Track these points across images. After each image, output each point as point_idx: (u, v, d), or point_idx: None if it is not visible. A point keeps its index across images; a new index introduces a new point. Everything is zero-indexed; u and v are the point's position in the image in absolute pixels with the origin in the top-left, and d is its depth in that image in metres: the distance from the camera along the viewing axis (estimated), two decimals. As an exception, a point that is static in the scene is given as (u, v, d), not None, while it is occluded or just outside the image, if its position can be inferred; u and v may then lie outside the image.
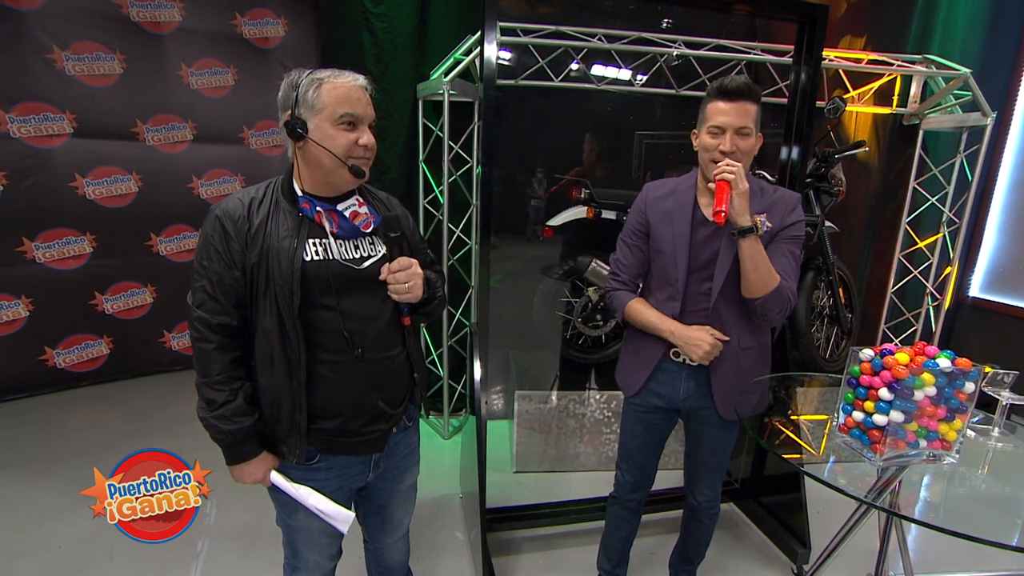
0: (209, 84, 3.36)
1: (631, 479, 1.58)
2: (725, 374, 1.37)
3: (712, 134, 1.26)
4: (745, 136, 1.24)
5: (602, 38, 2.58)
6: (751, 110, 1.24)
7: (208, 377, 1.01)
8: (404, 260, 1.08)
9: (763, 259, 1.23)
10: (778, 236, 1.31)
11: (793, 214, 1.32)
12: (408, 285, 1.07)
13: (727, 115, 1.23)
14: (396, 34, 2.58)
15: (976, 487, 1.20)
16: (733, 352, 1.36)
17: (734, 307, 1.33)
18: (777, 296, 1.25)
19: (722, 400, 1.39)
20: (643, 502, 1.64)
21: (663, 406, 1.46)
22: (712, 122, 1.25)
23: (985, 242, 3.38)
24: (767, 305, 1.26)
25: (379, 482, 1.21)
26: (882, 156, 3.17)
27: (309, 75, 1.01)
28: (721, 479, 1.57)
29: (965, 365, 1.02)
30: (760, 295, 1.25)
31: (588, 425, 2.53)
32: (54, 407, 3.04)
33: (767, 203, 1.32)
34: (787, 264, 1.29)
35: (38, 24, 2.85)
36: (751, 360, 1.40)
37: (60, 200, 3.05)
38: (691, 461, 1.55)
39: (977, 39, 3.08)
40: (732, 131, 1.23)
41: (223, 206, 1.02)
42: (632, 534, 1.69)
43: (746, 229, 1.21)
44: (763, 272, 1.23)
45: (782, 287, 1.25)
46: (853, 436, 1.14)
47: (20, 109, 2.87)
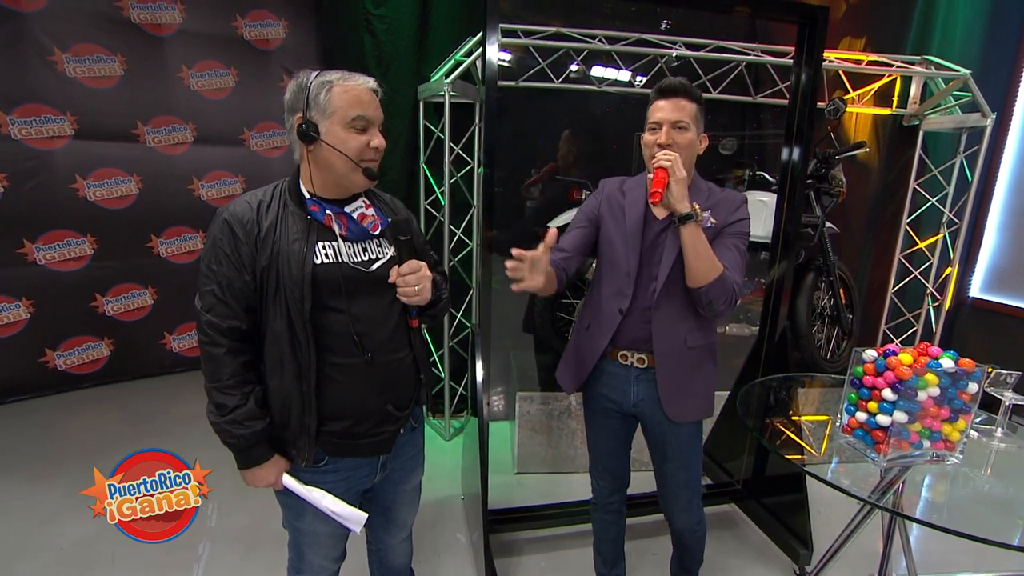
0: (210, 86, 3.37)
1: (605, 483, 1.58)
2: (670, 374, 1.36)
3: (651, 130, 1.31)
4: (681, 130, 1.28)
5: (602, 40, 2.59)
6: (686, 106, 1.28)
7: (219, 382, 1.01)
8: (413, 263, 1.08)
9: (704, 246, 1.24)
10: (723, 232, 1.33)
11: (738, 212, 1.35)
12: (418, 288, 1.08)
13: (663, 111, 1.29)
14: (397, 36, 2.58)
15: (979, 487, 1.20)
16: (679, 350, 1.35)
17: (679, 303, 1.33)
18: (720, 285, 1.24)
19: (668, 399, 1.36)
20: (624, 503, 1.63)
21: (616, 410, 1.45)
22: (651, 119, 1.31)
23: (985, 242, 3.38)
24: (711, 294, 1.25)
25: (385, 483, 1.21)
26: (882, 157, 3.18)
27: (318, 77, 1.00)
28: (697, 497, 1.50)
29: (968, 366, 1.03)
30: (703, 283, 1.25)
31: (589, 426, 2.52)
32: (55, 409, 3.03)
33: (712, 202, 1.35)
34: (732, 257, 1.30)
35: (39, 26, 2.86)
36: (697, 359, 1.38)
37: (61, 202, 3.05)
38: (661, 483, 1.50)
39: (976, 40, 3.09)
40: (668, 125, 1.28)
41: (231, 209, 1.01)
42: (621, 534, 1.67)
43: (685, 216, 1.23)
44: (705, 260, 1.24)
45: (725, 276, 1.25)
46: (856, 437, 1.14)
47: (21, 111, 2.88)
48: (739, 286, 1.28)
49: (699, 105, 1.31)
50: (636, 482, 1.68)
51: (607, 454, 1.54)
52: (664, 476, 1.48)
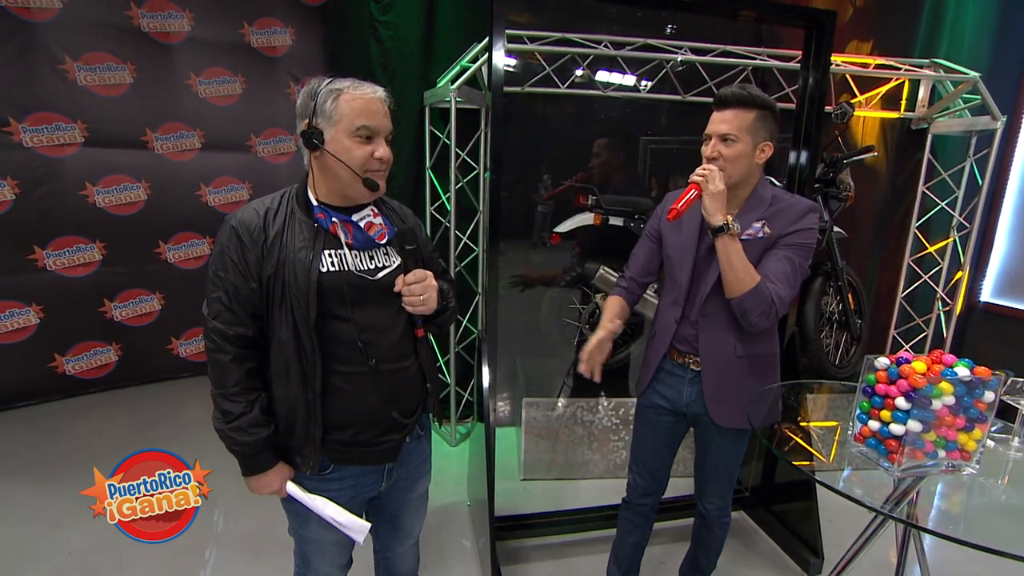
0: (217, 93, 3.40)
1: (642, 482, 1.58)
2: (715, 379, 1.37)
3: (704, 142, 1.32)
4: (730, 143, 1.27)
5: (608, 44, 2.59)
6: (737, 117, 1.27)
7: (224, 388, 1.01)
8: (419, 272, 1.08)
9: (739, 259, 1.24)
10: (779, 242, 1.31)
11: (800, 222, 1.31)
12: (423, 297, 1.07)
13: (713, 123, 1.30)
14: (403, 42, 2.60)
15: (996, 498, 1.17)
16: (726, 359, 1.36)
17: (726, 313, 1.33)
18: (756, 296, 1.23)
19: (713, 405, 1.38)
20: (655, 508, 1.63)
21: (668, 408, 1.47)
22: (706, 131, 1.32)
23: (996, 246, 3.34)
24: (744, 305, 1.25)
25: (392, 491, 1.21)
26: (890, 161, 3.15)
27: (328, 85, 1.00)
28: (731, 488, 1.55)
29: (984, 374, 1.01)
30: (736, 294, 1.25)
31: (596, 432, 2.51)
32: (64, 414, 3.05)
33: (773, 211, 1.32)
34: (780, 268, 1.27)
35: (50, 35, 2.89)
36: (748, 369, 1.38)
37: (70, 208, 3.08)
38: (699, 469, 1.55)
39: (985, 42, 3.07)
40: (716, 137, 1.29)
41: (239, 216, 1.01)
42: (643, 541, 1.68)
43: (717, 228, 1.23)
44: (739, 271, 1.24)
45: (761, 288, 1.24)
46: (869, 445, 1.12)
47: (32, 119, 2.91)
48: (781, 298, 1.25)
49: (759, 111, 1.27)
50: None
51: (649, 451, 1.55)
52: (703, 466, 1.53)
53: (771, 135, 1.31)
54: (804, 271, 1.32)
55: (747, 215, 1.32)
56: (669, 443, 1.54)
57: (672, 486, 1.65)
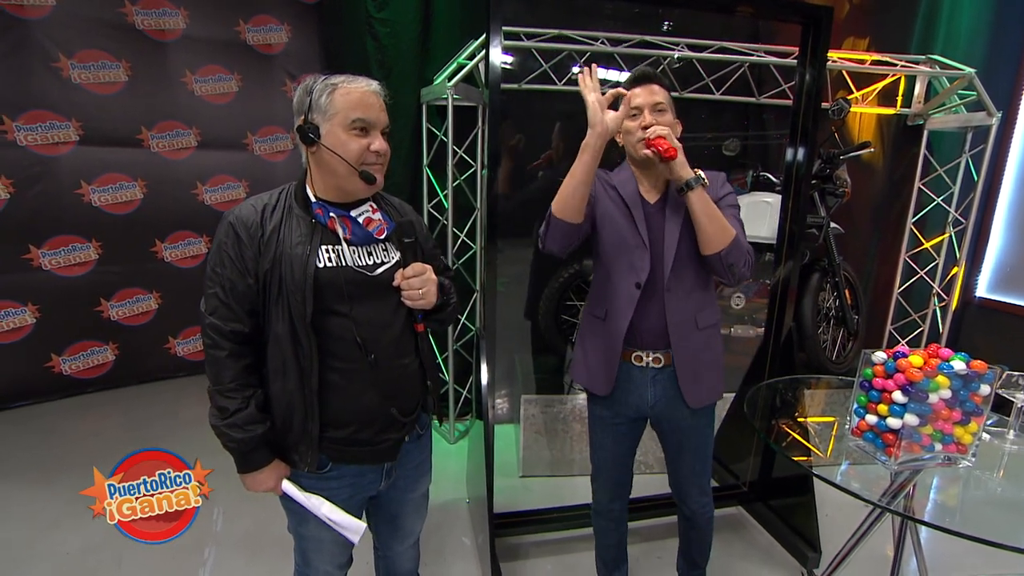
0: (213, 91, 3.38)
1: (608, 492, 1.56)
2: (687, 358, 1.34)
3: (632, 117, 1.31)
4: (661, 112, 1.30)
5: (604, 41, 2.59)
6: (659, 91, 1.31)
7: (220, 384, 1.01)
8: (418, 266, 1.08)
9: (715, 209, 1.24)
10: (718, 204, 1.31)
11: (725, 186, 1.36)
12: (422, 291, 1.07)
13: (639, 96, 1.31)
14: (400, 39, 2.59)
15: (992, 490, 1.18)
16: (691, 332, 1.34)
17: (688, 282, 1.33)
18: (737, 246, 1.25)
19: (687, 387, 1.35)
20: (625, 509, 1.61)
21: (631, 416, 1.43)
22: (631, 107, 1.30)
23: (992, 242, 3.36)
24: (731, 256, 1.25)
25: (391, 491, 1.20)
26: (887, 157, 3.16)
27: (323, 80, 1.01)
28: (709, 479, 1.54)
29: (980, 368, 1.02)
30: (721, 247, 1.24)
31: (594, 429, 2.51)
32: (61, 413, 3.04)
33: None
34: (735, 225, 1.30)
35: (44, 33, 2.87)
36: (705, 340, 1.37)
37: (66, 207, 3.06)
38: (676, 472, 1.51)
39: (981, 38, 3.07)
40: (648, 108, 1.30)
41: (236, 212, 1.01)
42: (623, 538, 1.65)
43: (692, 181, 1.23)
44: (717, 221, 1.24)
45: (739, 238, 1.26)
46: (867, 439, 1.13)
47: (26, 117, 2.89)
48: (750, 250, 1.28)
49: (668, 91, 1.34)
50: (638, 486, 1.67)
51: (614, 462, 1.51)
52: (679, 465, 1.49)
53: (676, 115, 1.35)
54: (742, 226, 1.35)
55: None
56: (631, 447, 1.50)
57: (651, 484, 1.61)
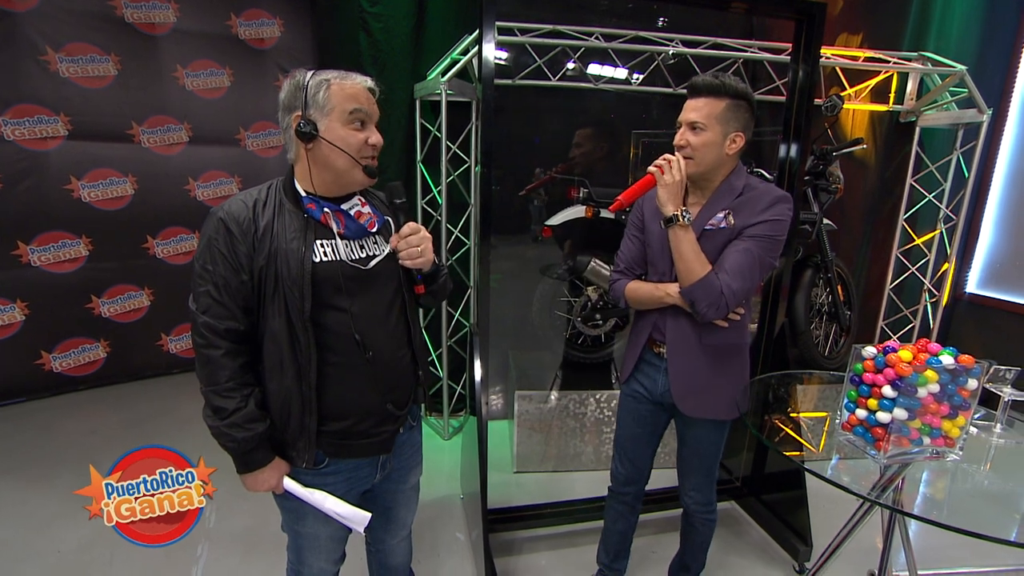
0: (205, 85, 3.35)
1: (623, 470, 1.60)
2: (681, 368, 1.38)
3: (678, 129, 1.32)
4: (698, 131, 1.27)
5: (599, 37, 2.58)
6: (707, 105, 1.25)
7: (216, 384, 0.99)
8: (412, 224, 1.08)
9: (689, 248, 1.25)
10: (742, 233, 1.28)
11: (765, 212, 1.26)
12: (420, 248, 1.07)
13: (684, 111, 1.30)
14: (393, 34, 2.57)
15: (978, 483, 1.20)
16: (691, 346, 1.36)
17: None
18: (703, 287, 1.24)
19: (680, 394, 1.39)
20: (639, 497, 1.65)
21: (647, 397, 1.49)
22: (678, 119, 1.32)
23: (982, 238, 3.39)
24: (693, 295, 1.26)
25: (385, 483, 1.21)
26: (879, 153, 3.18)
27: (315, 76, 1.00)
28: (710, 482, 1.54)
29: (968, 362, 1.03)
30: (685, 284, 1.27)
31: (588, 424, 2.53)
32: (52, 411, 3.01)
33: (740, 201, 1.30)
34: (737, 260, 1.24)
35: (31, 25, 2.83)
36: (713, 358, 1.37)
37: (55, 203, 3.02)
38: (679, 461, 1.57)
39: (973, 36, 3.09)
40: (685, 126, 1.29)
41: (226, 208, 1.00)
42: (630, 529, 1.69)
43: (668, 219, 1.26)
44: (689, 261, 1.25)
45: (710, 279, 1.23)
46: (856, 434, 1.14)
47: (14, 111, 2.85)
48: (732, 291, 1.24)
49: (731, 101, 1.24)
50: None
51: (631, 440, 1.56)
52: (680, 456, 1.55)
53: (744, 126, 1.27)
54: (767, 264, 1.27)
55: (713, 205, 1.31)
56: (650, 432, 1.54)
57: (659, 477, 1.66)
